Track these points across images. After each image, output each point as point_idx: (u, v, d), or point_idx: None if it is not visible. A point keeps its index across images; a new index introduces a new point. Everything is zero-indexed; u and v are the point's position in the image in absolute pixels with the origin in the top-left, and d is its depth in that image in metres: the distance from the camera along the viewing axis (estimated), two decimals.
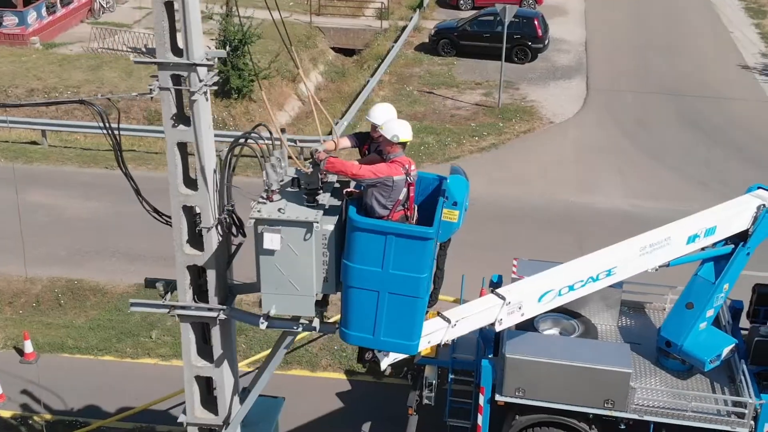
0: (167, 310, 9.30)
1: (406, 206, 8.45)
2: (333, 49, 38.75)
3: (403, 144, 8.63)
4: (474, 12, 36.23)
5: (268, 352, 15.35)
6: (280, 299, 8.64)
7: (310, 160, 8.62)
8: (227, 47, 29.31)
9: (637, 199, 22.33)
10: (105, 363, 15.99)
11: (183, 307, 9.25)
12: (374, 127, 8.87)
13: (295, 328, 9.00)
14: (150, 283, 9.81)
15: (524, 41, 32.85)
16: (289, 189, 8.79)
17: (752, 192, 12.54)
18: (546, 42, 33.63)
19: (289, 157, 8.65)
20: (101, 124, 8.44)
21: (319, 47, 37.86)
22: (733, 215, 12.16)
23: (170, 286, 9.50)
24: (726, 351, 12.33)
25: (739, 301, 13.35)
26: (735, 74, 32.25)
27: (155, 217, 9.34)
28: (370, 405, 14.87)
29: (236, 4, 27.56)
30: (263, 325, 8.85)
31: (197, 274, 9.43)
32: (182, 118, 8.61)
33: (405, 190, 8.39)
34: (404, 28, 37.51)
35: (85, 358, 16.09)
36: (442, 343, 9.98)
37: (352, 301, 8.39)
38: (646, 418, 11.89)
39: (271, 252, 8.40)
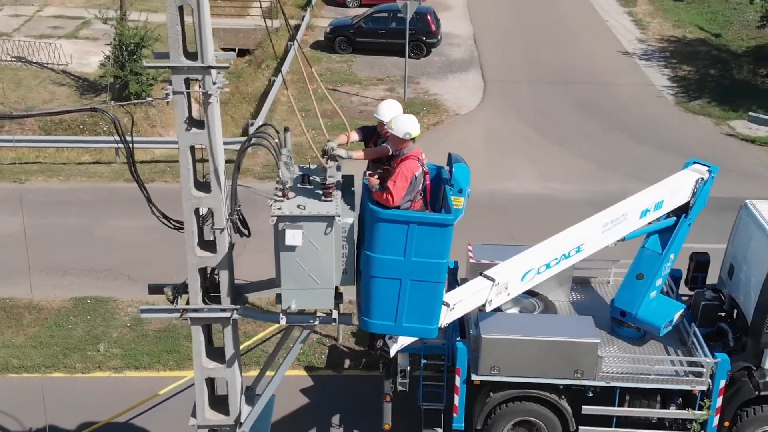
0: (179, 314, 9.31)
1: (424, 195, 8.82)
2: (223, 49, 38.36)
3: (413, 138, 8.99)
4: (365, 9, 36.70)
5: None
6: (300, 294, 8.84)
7: (327, 156, 8.84)
8: (123, 51, 28.71)
9: (550, 183, 23.43)
10: (55, 380, 15.51)
11: (195, 310, 9.27)
12: (381, 123, 9.19)
13: (311, 321, 9.21)
14: (154, 289, 9.77)
15: (419, 36, 33.56)
16: (299, 185, 9.00)
17: (689, 167, 13.54)
18: (439, 37, 34.55)
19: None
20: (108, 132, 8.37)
21: None
22: (676, 189, 13.14)
23: (177, 290, 9.49)
24: (677, 316, 13.33)
25: (677, 270, 14.39)
26: (617, 61, 34.16)
27: (165, 224, 9.36)
28: (338, 398, 15.10)
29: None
30: (283, 321, 9.03)
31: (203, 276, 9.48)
32: (193, 121, 8.66)
33: (422, 180, 8.76)
34: (296, 26, 37.62)
35: (33, 376, 15.55)
36: (443, 326, 10.40)
37: (374, 290, 8.69)
38: (613, 384, 12.71)
39: (292, 248, 8.59)
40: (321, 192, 8.74)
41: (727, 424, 12.95)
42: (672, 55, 34.93)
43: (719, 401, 12.69)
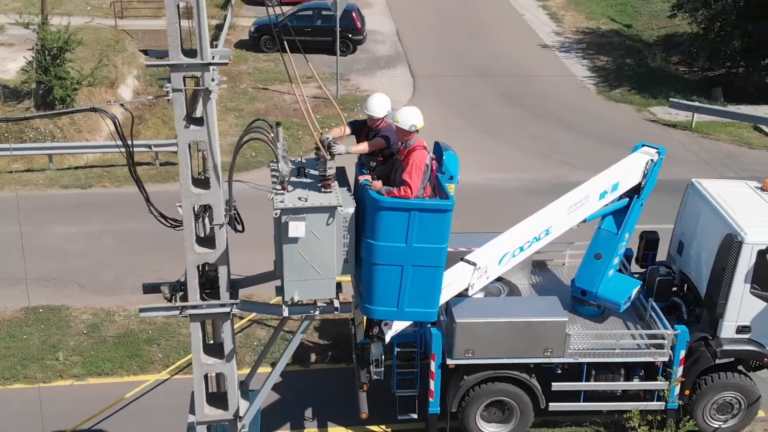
0: (178, 311, 9.32)
1: (431, 181, 9.10)
2: (143, 51, 37.83)
3: (418, 130, 9.26)
4: (289, 8, 36.68)
5: (188, 358, 15.39)
6: (303, 285, 8.99)
7: (328, 150, 8.98)
8: (46, 56, 27.99)
9: (488, 173, 24.01)
10: (16, 391, 15.16)
11: (194, 306, 9.31)
12: (372, 117, 9.43)
13: (312, 311, 9.37)
14: (149, 289, 9.76)
15: (345, 34, 33.75)
16: (295, 179, 9.15)
17: (639, 150, 14.21)
18: (365, 34, 34.88)
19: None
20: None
21: (130, 51, 36.84)
22: (629, 171, 13.79)
23: (173, 287, 9.52)
24: (634, 292, 13.99)
25: (629, 249, 15.06)
26: (538, 53, 35.17)
27: (162, 222, 9.36)
28: (309, 392, 15.23)
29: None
30: (286, 312, 9.16)
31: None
32: (191, 118, 8.71)
33: (431, 167, 9.03)
34: (218, 26, 37.32)
35: None
36: None
37: (377, 277, 8.93)
38: (581, 360, 13.28)
39: (294, 240, 8.74)
40: (320, 184, 8.92)
41: (687, 392, 13.68)
42: (589, 46, 36.17)
43: (680, 371, 13.40)
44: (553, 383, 13.41)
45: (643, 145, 14.42)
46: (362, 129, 9.77)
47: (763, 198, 14.17)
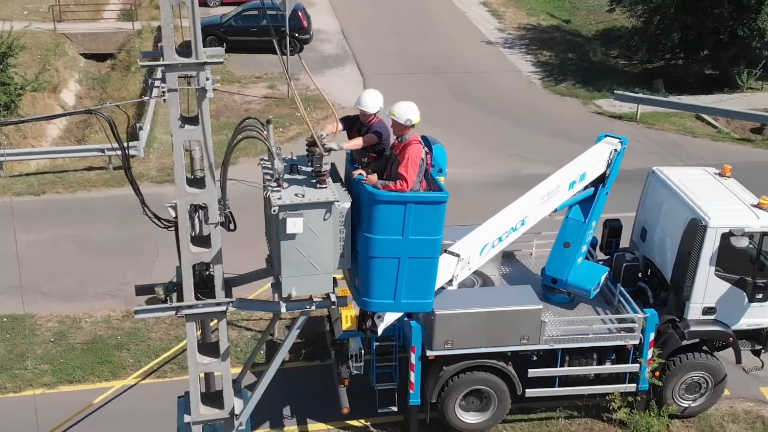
0: (174, 312, 9.33)
1: (426, 175, 9.27)
2: (83, 55, 37.22)
3: (414, 124, 9.43)
4: (233, 8, 36.46)
5: (158, 360, 15.33)
6: (300, 281, 9.11)
7: (325, 148, 9.08)
8: None
9: (449, 167, 24.25)
10: None
11: (190, 306, 9.32)
12: (364, 112, 9.57)
13: (309, 307, 9.47)
14: (142, 290, 9.76)
15: (291, 33, 33.73)
16: (288, 176, 9.24)
17: (602, 140, 14.63)
18: (311, 33, 34.91)
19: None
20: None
21: (70, 55, 36.25)
22: (594, 161, 14.19)
23: (167, 288, 9.52)
24: (603, 278, 14.39)
25: (593, 237, 15.48)
26: (482, 50, 35.67)
27: (157, 224, 9.37)
28: (286, 390, 15.25)
29: None
30: (283, 308, 9.25)
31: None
32: (185, 118, 8.74)
33: (425, 161, 9.21)
34: (159, 28, 36.86)
35: None
36: None
37: (374, 270, 9.08)
38: (555, 346, 13.62)
39: (292, 236, 8.84)
40: (314, 180, 9.02)
41: (657, 374, 14.13)
42: (531, 42, 36.82)
43: (650, 353, 13.84)
44: (529, 370, 13.71)
45: (605, 136, 14.84)
46: (354, 125, 9.90)
47: (723, 183, 14.72)
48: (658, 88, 31.10)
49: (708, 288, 13.85)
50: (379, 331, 11.41)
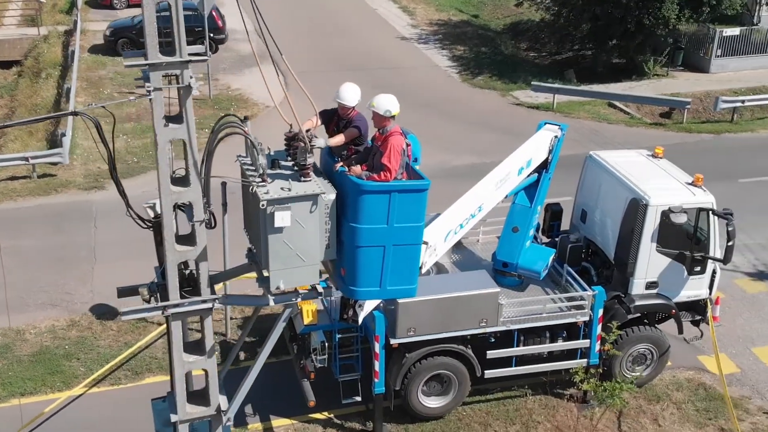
0: (160, 311, 9.30)
1: (407, 166, 9.52)
2: None
3: (394, 116, 9.66)
4: (136, 11, 35.79)
5: (108, 367, 15.13)
6: (287, 273, 9.20)
7: (309, 144, 9.20)
8: None
9: None
10: None
11: (176, 305, 9.31)
12: (343, 106, 9.75)
13: (294, 299, 9.60)
14: (125, 292, 9.69)
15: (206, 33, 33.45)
16: (269, 171, 9.33)
17: (543, 128, 15.20)
18: (226, 33, 34.65)
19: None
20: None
21: None
22: (538, 148, 14.75)
23: (151, 288, 9.48)
24: (551, 260, 14.99)
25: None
26: (399, 46, 36.15)
27: (140, 225, 9.33)
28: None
29: None
30: (271, 302, 9.35)
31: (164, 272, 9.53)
32: (168, 117, 8.74)
33: (406, 152, 9.46)
34: (67, 32, 36.00)
35: None
36: None
37: (360, 259, 9.28)
38: (512, 327, 14.11)
39: (280, 230, 8.95)
40: (298, 173, 9.15)
41: (606, 348, 14.79)
42: (445, 37, 37.52)
43: (599, 329, 14.50)
44: (487, 352, 14.16)
45: (546, 123, 15.42)
46: (332, 118, 10.07)
47: (657, 164, 15.52)
48: (570, 78, 32.23)
49: (650, 264, 14.59)
50: (360, 319, 11.62)
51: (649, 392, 15.39)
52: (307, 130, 9.30)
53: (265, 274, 9.66)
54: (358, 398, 14.33)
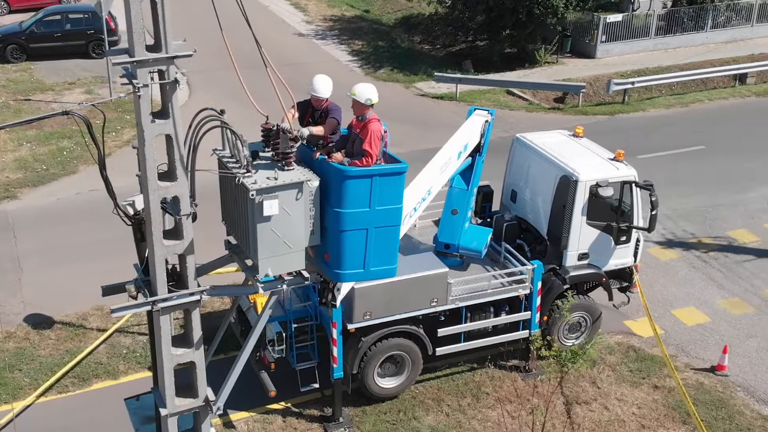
0: (149, 306, 9.38)
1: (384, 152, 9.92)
2: None
3: (373, 104, 10.03)
4: (32, 14, 34.59)
5: (56, 377, 14.93)
6: (275, 261, 9.48)
7: (297, 136, 9.47)
8: None
9: None
10: None
11: (165, 299, 9.42)
12: (317, 98, 10.06)
13: (280, 285, 9.85)
14: (110, 290, 9.71)
15: (99, 35, 32.68)
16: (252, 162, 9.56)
17: (474, 113, 15.89)
18: (119, 35, 33.89)
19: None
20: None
21: None
22: (472, 133, 15.42)
23: (137, 285, 9.56)
24: (489, 239, 15.70)
25: None
26: (297, 42, 36.32)
27: (125, 222, 9.37)
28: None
29: None
30: (261, 289, 9.58)
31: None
32: (154, 113, 8.85)
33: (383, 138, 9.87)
34: None
35: None
36: None
37: (345, 243, 9.64)
38: (460, 304, 14.73)
39: (268, 218, 9.22)
40: (280, 163, 9.42)
41: (545, 318, 15.66)
42: (341, 32, 37.95)
43: (539, 300, 15.32)
44: (438, 330, 14.74)
45: (475, 109, 16.12)
46: (306, 110, 10.35)
47: (579, 143, 16.48)
48: (468, 68, 33.27)
49: (581, 236, 15.53)
50: (337, 303, 11.92)
51: (585, 357, 16.30)
52: (289, 124, 9.55)
53: (248, 262, 9.92)
54: (316, 385, 14.62)
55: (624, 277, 16.43)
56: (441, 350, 14.97)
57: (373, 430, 14.47)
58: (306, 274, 9.82)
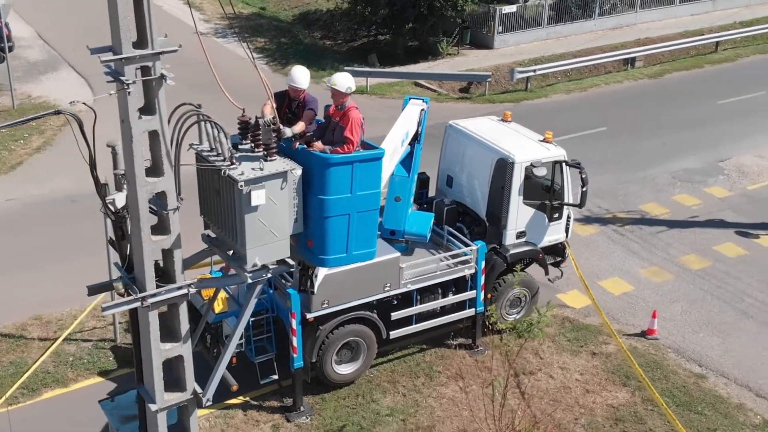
0: (139, 303, 9.40)
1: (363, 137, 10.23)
2: None
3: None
4: None
5: (20, 381, 14.66)
6: (262, 250, 9.66)
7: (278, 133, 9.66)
8: None
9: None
10: None
11: (154, 295, 9.46)
12: (295, 88, 10.27)
13: (265, 274, 10.03)
14: (96, 290, 9.67)
15: None
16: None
17: (410, 102, 16.37)
18: (12, 41, 32.76)
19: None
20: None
21: None
22: (411, 121, 15.90)
23: (124, 282, 9.56)
24: (432, 223, 16.23)
25: None
26: (198, 41, 35.77)
27: (112, 219, 9.37)
28: None
29: None
30: (249, 279, 9.74)
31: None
32: (141, 109, 8.90)
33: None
34: None
35: None
36: None
37: (329, 229, 9.94)
38: (411, 288, 15.20)
39: (255, 208, 9.40)
40: (262, 154, 9.61)
41: (489, 296, 16.32)
42: (243, 30, 37.74)
43: (483, 279, 15.96)
44: (392, 314, 15.17)
45: (410, 99, 16.59)
46: (283, 101, 10.54)
47: (509, 127, 17.23)
48: (373, 62, 33.78)
49: (519, 215, 16.27)
50: (315, 290, 12.10)
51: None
52: (273, 117, 9.75)
53: (230, 252, 10.07)
54: (276, 377, 14.80)
55: (557, 252, 17.28)
56: (395, 333, 15.40)
57: (334, 416, 14.77)
58: (291, 261, 10.03)
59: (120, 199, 9.71)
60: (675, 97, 31.00)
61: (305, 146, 10.00)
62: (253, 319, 14.47)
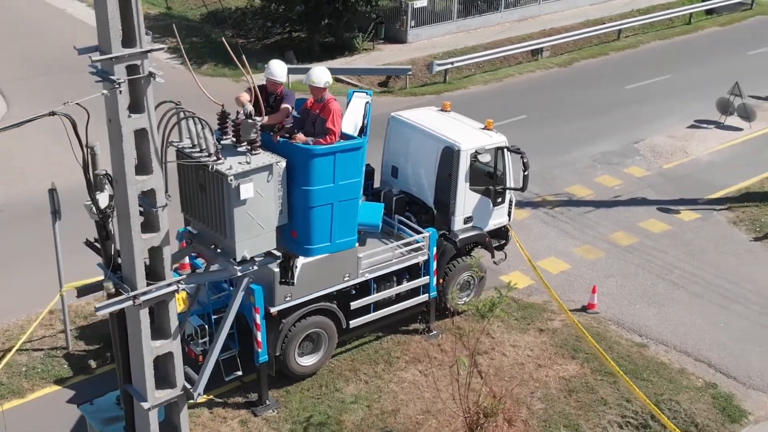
0: (131, 301, 9.43)
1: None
2: None
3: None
4: None
5: None
6: (250, 242, 9.84)
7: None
8: None
9: None
10: None
11: (145, 293, 9.50)
12: (273, 81, 10.41)
13: (252, 267, 10.18)
14: (86, 290, 9.63)
15: None
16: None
17: (354, 96, 16.60)
18: None
19: (226, 117, 9.69)
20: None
21: None
22: (357, 115, 16.15)
23: (113, 282, 9.56)
24: (382, 213, 16.57)
25: None
26: None
27: (97, 220, 9.35)
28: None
29: None
30: (237, 272, 9.88)
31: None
32: (130, 107, 8.92)
33: None
34: None
35: None
36: None
37: (314, 219, 10.19)
38: (369, 276, 15.51)
39: (244, 202, 9.56)
40: (246, 148, 9.77)
41: (442, 281, 16.79)
42: (153, 31, 37.00)
43: (435, 265, 16.42)
44: (351, 303, 15.44)
45: (354, 92, 16.84)
46: (261, 94, 10.66)
47: (450, 116, 17.75)
48: (291, 59, 33.79)
49: (465, 202, 16.80)
50: (295, 281, 12.21)
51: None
52: (250, 110, 9.90)
53: (213, 247, 10.19)
54: (239, 373, 14.86)
55: (501, 235, 17.91)
56: (354, 322, 15.68)
57: (300, 407, 14.96)
58: (277, 252, 10.21)
59: (103, 200, 9.69)
60: (585, 84, 32.27)
61: (287, 139, 10.18)
62: (215, 317, 14.51)
